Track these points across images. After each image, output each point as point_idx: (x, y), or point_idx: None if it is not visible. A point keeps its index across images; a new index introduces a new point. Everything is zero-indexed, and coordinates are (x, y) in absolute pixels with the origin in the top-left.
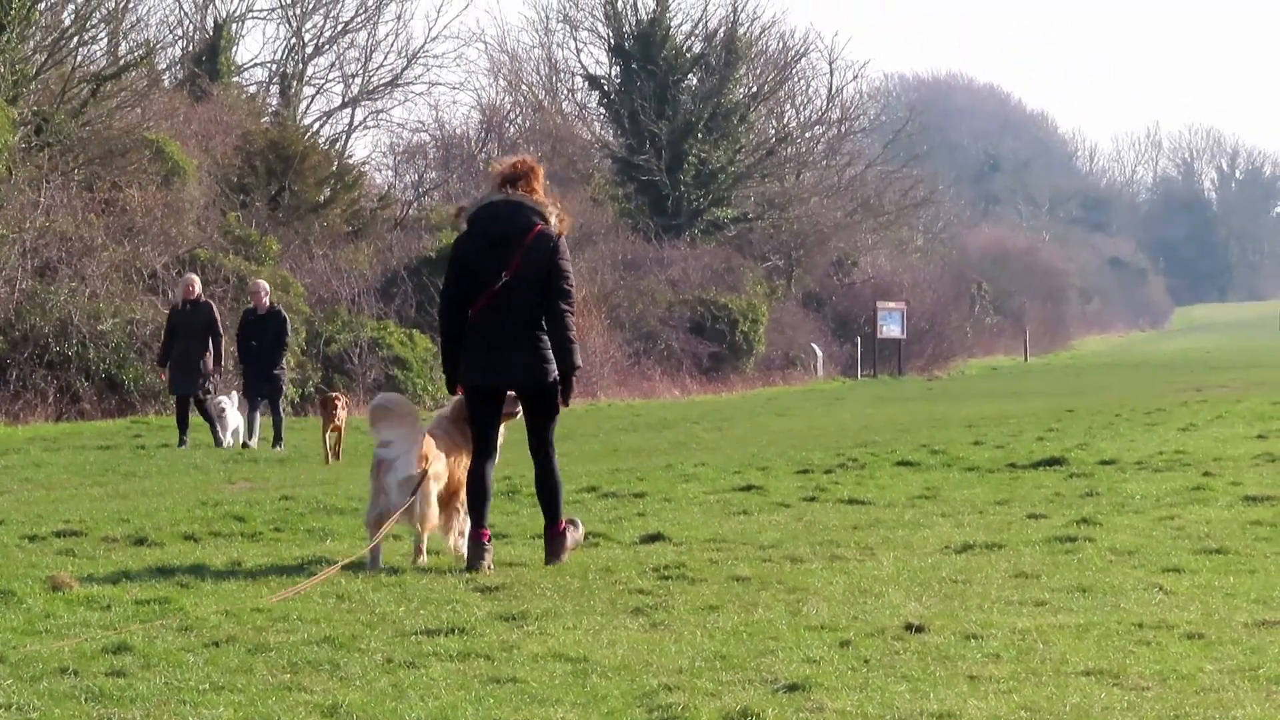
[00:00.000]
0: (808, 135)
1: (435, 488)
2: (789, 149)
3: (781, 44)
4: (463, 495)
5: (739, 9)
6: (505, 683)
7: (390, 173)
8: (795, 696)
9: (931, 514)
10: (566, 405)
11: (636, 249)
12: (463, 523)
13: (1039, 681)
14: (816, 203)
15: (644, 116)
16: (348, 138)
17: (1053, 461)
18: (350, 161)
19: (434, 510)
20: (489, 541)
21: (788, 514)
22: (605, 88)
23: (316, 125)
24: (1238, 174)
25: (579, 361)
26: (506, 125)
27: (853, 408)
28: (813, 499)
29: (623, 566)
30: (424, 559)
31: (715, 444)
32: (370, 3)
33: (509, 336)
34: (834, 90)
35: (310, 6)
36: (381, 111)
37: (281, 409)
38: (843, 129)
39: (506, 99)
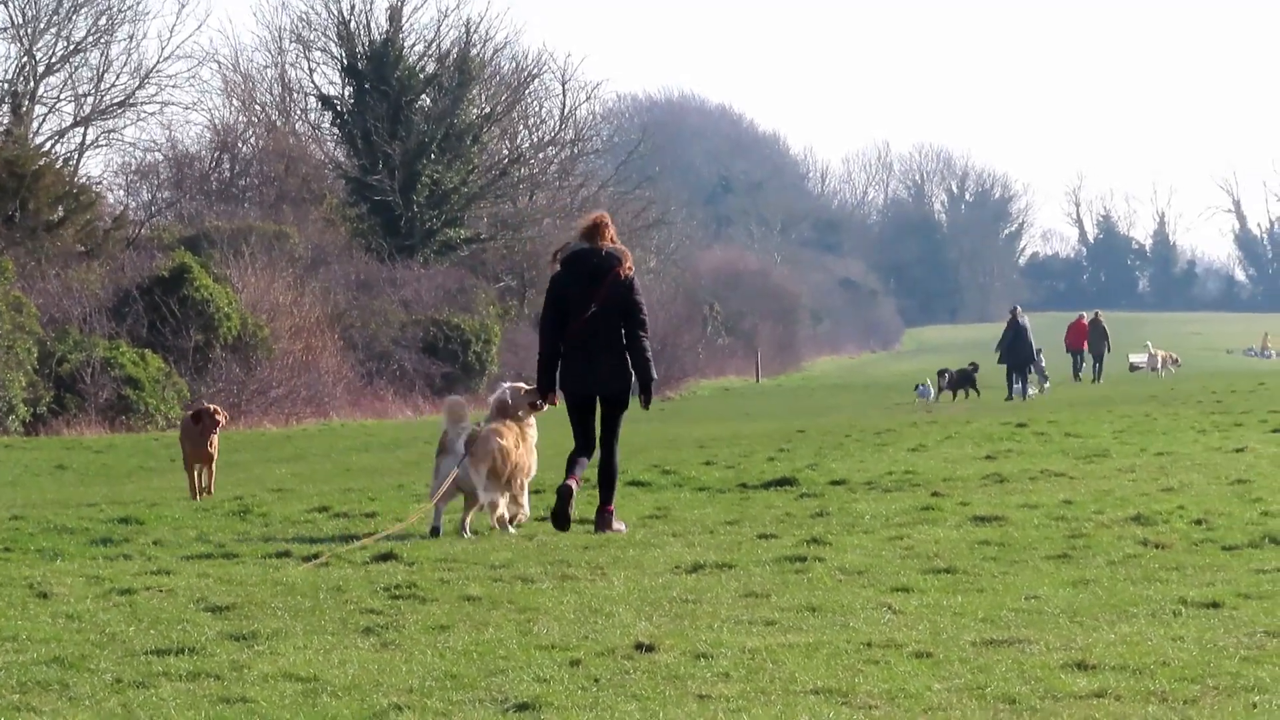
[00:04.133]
0: (541, 156)
1: (492, 473)
2: (522, 170)
3: (515, 65)
4: (517, 485)
5: (472, 30)
6: (235, 703)
7: (123, 192)
8: (525, 716)
9: (662, 534)
10: (647, 408)
11: (370, 269)
12: (517, 509)
13: (768, 700)
14: (549, 223)
15: (377, 137)
16: (80, 157)
17: (783, 482)
18: (83, 181)
19: (489, 488)
20: (574, 485)
21: (518, 533)
22: (339, 108)
23: (48, 144)
24: (967, 196)
25: (655, 374)
26: (240, 145)
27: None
28: (543, 519)
29: (354, 586)
30: (468, 534)
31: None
32: (103, 22)
33: (597, 353)
34: (567, 111)
35: (42, 25)
36: (114, 131)
37: None
38: (576, 150)
39: (240, 118)
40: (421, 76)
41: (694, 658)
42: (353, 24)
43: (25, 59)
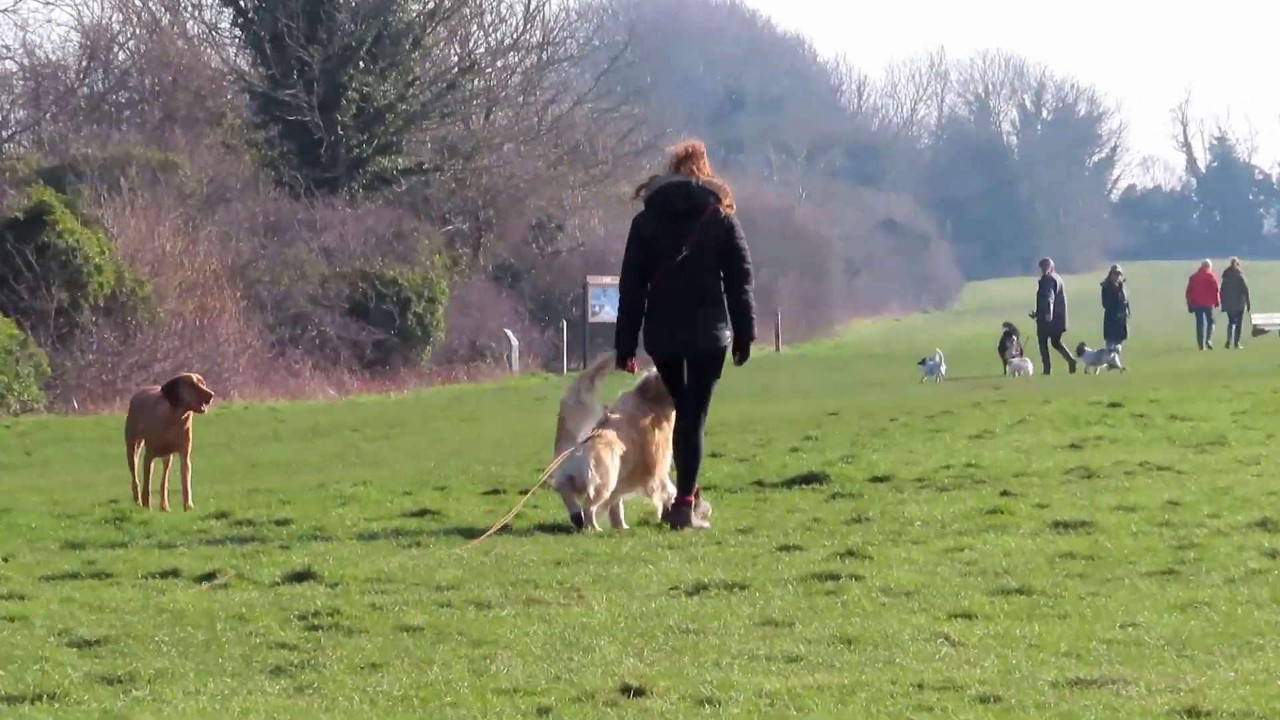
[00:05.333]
0: (500, 65)
1: (610, 458)
2: (476, 82)
3: None
4: (659, 471)
5: None
6: None
7: None
8: None
9: (656, 545)
10: (741, 364)
11: (281, 209)
12: (666, 492)
13: None
14: (511, 150)
15: (290, 40)
16: None
17: (810, 479)
18: None
19: (602, 481)
20: (690, 506)
21: (472, 546)
22: (241, 3)
23: None
24: (1044, 114)
25: (755, 332)
26: (115, 51)
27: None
28: (505, 528)
29: (261, 614)
30: (595, 527)
31: (381, 457)
32: None
33: (689, 308)
34: (533, 7)
35: None
36: None
37: None
38: (544, 56)
39: (114, 18)
40: None
41: (696, 704)
42: None
43: None
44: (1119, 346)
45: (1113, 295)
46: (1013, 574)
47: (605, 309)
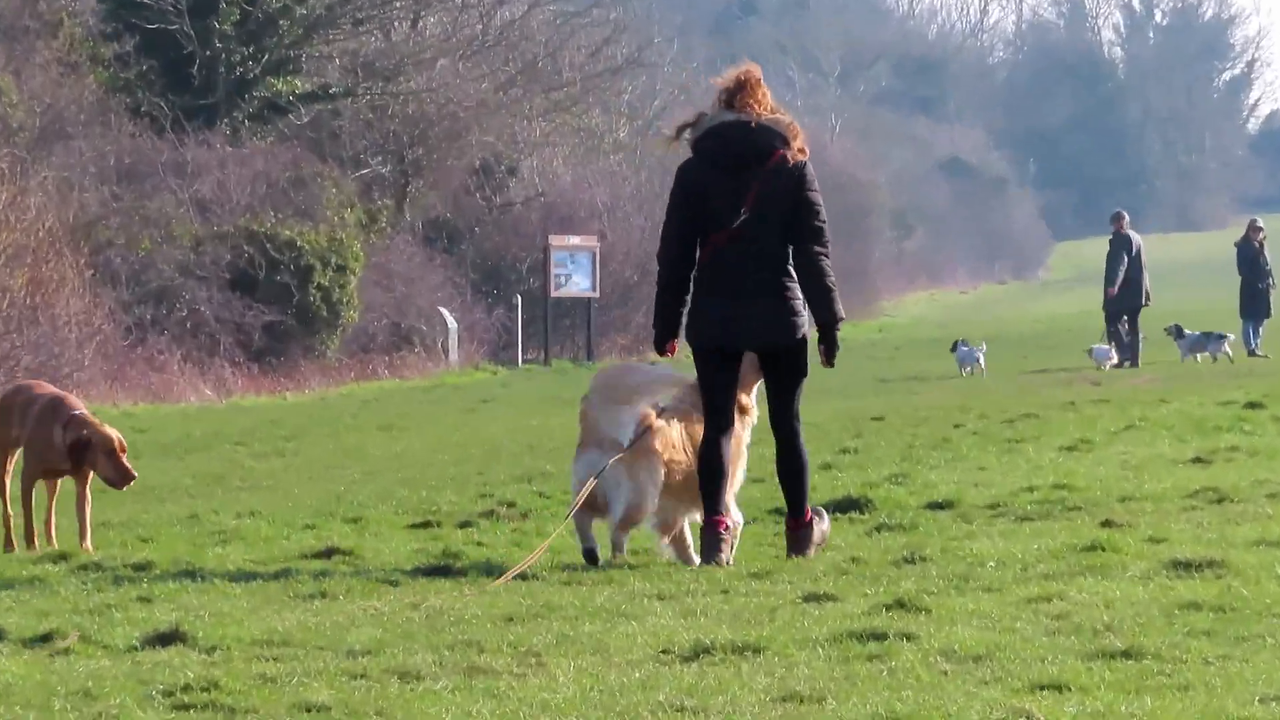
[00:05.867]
0: None
1: (647, 470)
2: None
3: None
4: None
5: None
6: None
7: None
8: None
9: (640, 593)
10: (832, 365)
11: (140, 148)
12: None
13: None
14: (447, 68)
15: None
16: None
17: (848, 504)
18: None
19: (642, 502)
20: (725, 531)
21: (397, 596)
22: None
23: None
24: (1158, 17)
25: (842, 312)
26: None
27: (510, 415)
28: (440, 570)
29: (113, 689)
30: (622, 556)
31: (274, 479)
32: None
33: (749, 285)
34: None
35: None
36: None
37: None
38: None
39: None
40: None
41: None
42: None
43: None
44: (1259, 329)
45: (1251, 259)
46: (1117, 631)
47: (574, 279)
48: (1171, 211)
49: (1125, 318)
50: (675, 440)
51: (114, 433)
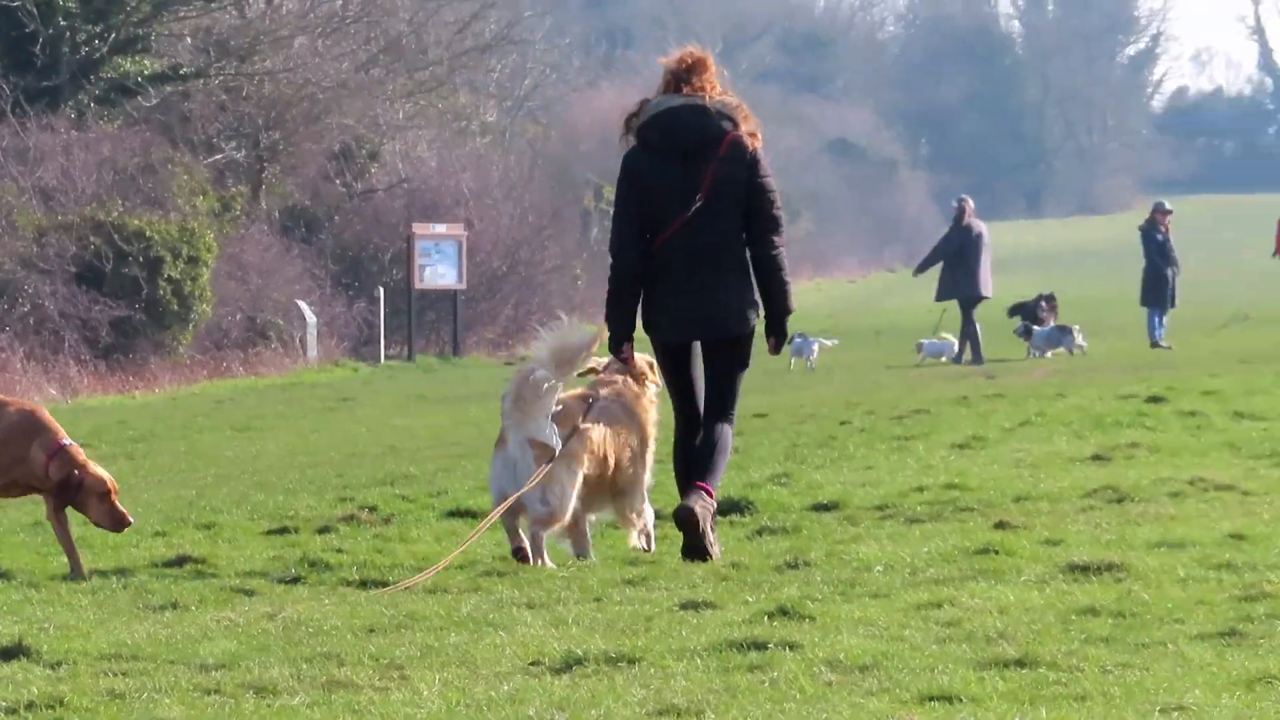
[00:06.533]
0: None
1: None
2: None
3: None
4: (635, 495)
5: None
6: None
7: None
8: None
9: (509, 602)
10: (778, 352)
11: None
12: (641, 522)
13: None
14: (305, 47)
15: None
16: None
17: (730, 507)
18: None
19: (562, 505)
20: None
21: (253, 606)
22: None
23: None
24: None
25: (794, 304)
26: None
27: (372, 415)
28: (297, 579)
29: None
30: (545, 562)
31: (122, 483)
32: None
33: (707, 275)
34: None
35: None
36: None
37: None
38: None
39: None
40: None
41: None
42: None
43: None
44: (1163, 318)
45: (1156, 245)
46: (1011, 639)
47: (439, 269)
48: (1073, 194)
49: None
50: (597, 445)
51: (105, 474)
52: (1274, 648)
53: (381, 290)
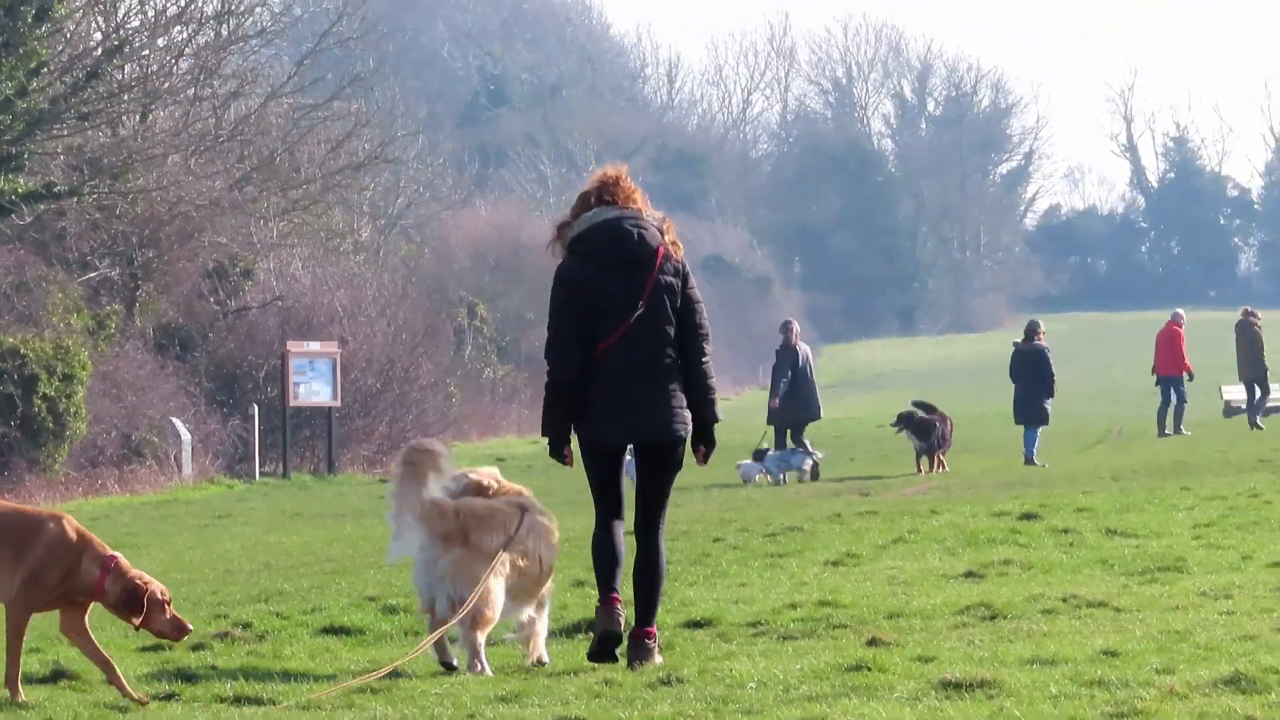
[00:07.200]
0: (161, 44)
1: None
2: (128, 68)
3: None
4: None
5: None
6: None
7: None
8: None
9: (382, 718)
10: (705, 464)
11: None
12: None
13: None
14: (178, 165)
15: None
16: None
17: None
18: None
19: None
20: (620, 607)
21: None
22: None
23: None
24: (932, 106)
25: (720, 414)
26: None
27: (246, 532)
28: (172, 696)
29: None
30: (484, 668)
31: None
32: None
33: (642, 382)
34: None
35: None
36: None
37: None
38: (224, 32)
39: None
40: None
41: None
42: None
43: None
44: (1035, 436)
45: (1033, 363)
46: None
47: (313, 386)
48: (946, 311)
49: (790, 431)
50: (530, 552)
51: (158, 584)
52: None
53: (256, 407)
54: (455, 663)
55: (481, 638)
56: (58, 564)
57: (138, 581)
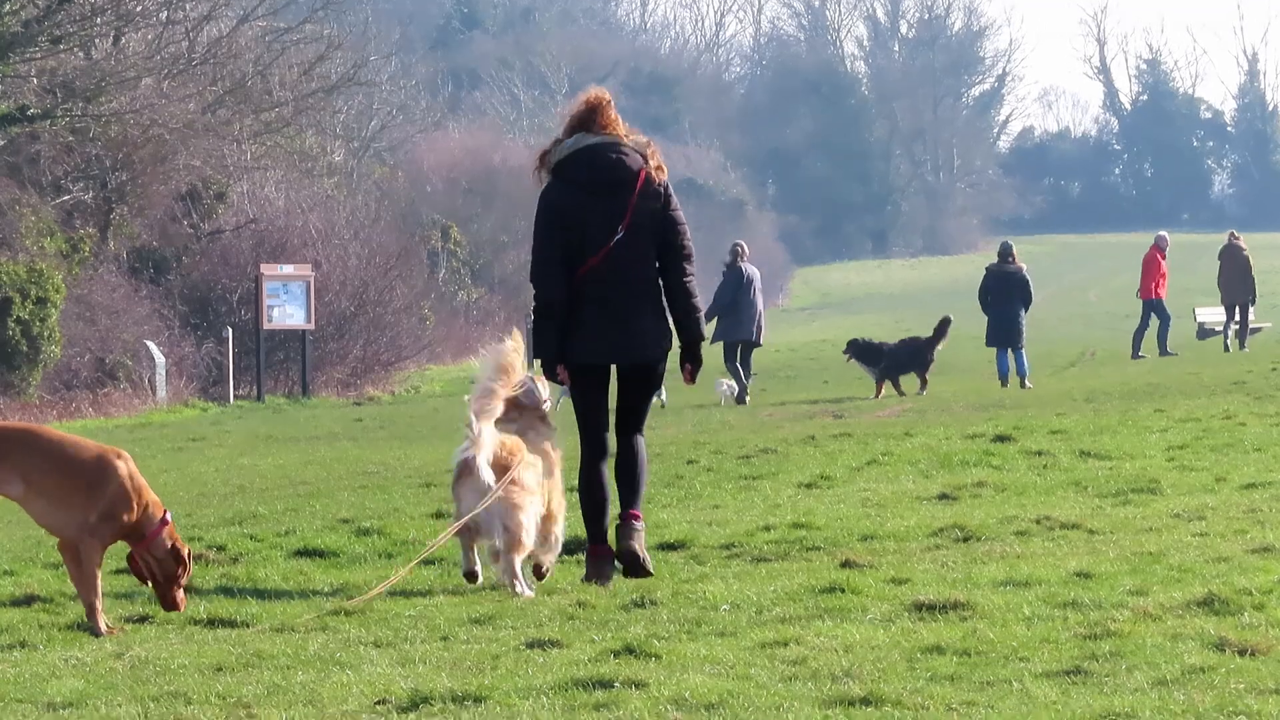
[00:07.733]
0: None
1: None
2: None
3: None
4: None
5: None
6: None
7: None
8: None
9: (356, 640)
10: (694, 383)
11: None
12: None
13: None
14: (151, 88)
15: None
16: None
17: (576, 545)
18: None
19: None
20: (611, 558)
21: (100, 646)
22: None
23: None
24: (904, 29)
25: (706, 331)
26: None
27: (220, 455)
28: (145, 619)
29: None
30: (522, 589)
31: None
32: None
33: (626, 303)
34: None
35: None
36: None
37: None
38: None
39: None
40: None
41: None
42: None
43: None
44: (1022, 356)
45: (1008, 285)
46: (856, 677)
47: (287, 309)
48: (919, 234)
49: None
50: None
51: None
52: (1119, 686)
53: (230, 330)
54: (479, 572)
55: (519, 560)
56: (128, 504)
57: (182, 545)
